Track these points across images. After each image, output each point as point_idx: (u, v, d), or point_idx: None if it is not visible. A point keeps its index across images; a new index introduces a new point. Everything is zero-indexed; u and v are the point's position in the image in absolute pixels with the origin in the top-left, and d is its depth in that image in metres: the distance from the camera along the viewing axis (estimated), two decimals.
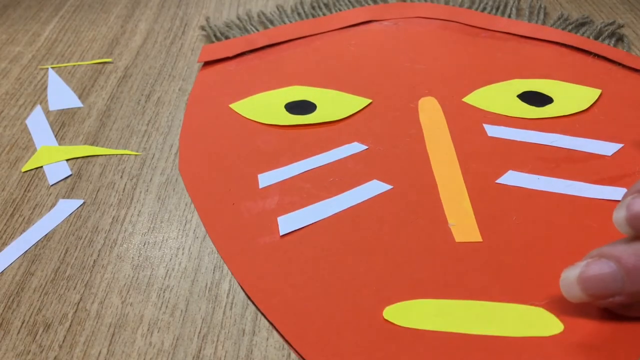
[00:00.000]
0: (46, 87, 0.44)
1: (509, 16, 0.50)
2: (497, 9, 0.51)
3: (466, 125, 0.38)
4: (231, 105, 0.40)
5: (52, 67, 0.46)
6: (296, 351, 0.26)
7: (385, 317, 0.27)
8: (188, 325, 0.28)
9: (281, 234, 0.32)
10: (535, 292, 0.28)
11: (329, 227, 0.32)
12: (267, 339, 0.27)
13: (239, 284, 0.30)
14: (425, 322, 0.27)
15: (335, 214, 0.33)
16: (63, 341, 0.28)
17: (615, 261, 0.24)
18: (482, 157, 0.35)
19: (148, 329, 0.28)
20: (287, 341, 0.27)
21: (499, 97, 0.40)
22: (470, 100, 0.40)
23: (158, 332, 0.28)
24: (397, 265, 0.30)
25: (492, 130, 0.37)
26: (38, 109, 0.42)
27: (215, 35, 0.49)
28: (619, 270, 0.24)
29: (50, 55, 0.48)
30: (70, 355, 0.27)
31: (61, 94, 0.43)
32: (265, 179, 0.35)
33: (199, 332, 0.28)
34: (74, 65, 0.46)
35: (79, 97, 0.43)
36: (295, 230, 0.32)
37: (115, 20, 0.52)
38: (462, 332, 0.26)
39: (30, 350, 0.27)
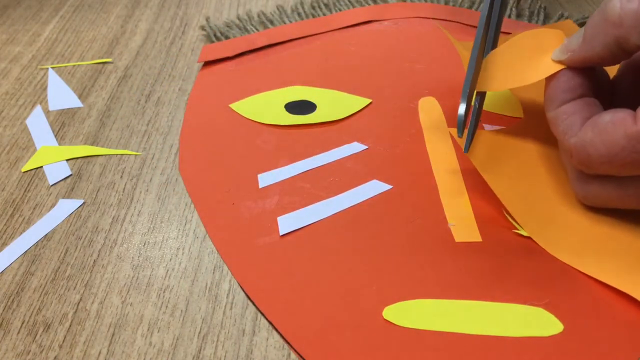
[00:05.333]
0: (46, 87, 0.44)
1: (509, 17, 0.50)
2: None
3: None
4: (231, 105, 0.40)
5: (52, 67, 0.46)
6: (296, 351, 0.26)
7: (385, 317, 0.27)
8: (188, 325, 0.28)
9: (281, 233, 0.32)
10: (534, 292, 0.28)
11: (328, 227, 0.32)
12: (267, 339, 0.27)
13: (238, 284, 0.30)
14: (424, 322, 0.27)
15: (335, 213, 0.33)
16: (63, 341, 0.28)
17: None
18: None
19: (148, 329, 0.28)
20: (287, 341, 0.27)
21: (498, 97, 0.40)
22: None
23: (158, 332, 0.28)
24: (396, 265, 0.30)
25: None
26: (38, 109, 0.42)
27: (215, 35, 0.49)
28: (582, 30, 0.29)
29: (50, 55, 0.48)
30: (70, 355, 0.27)
31: (61, 94, 0.43)
32: (265, 178, 0.35)
33: (199, 332, 0.28)
34: (74, 65, 0.46)
35: (79, 97, 0.43)
36: (295, 230, 0.32)
37: (115, 20, 0.52)
38: (461, 332, 0.27)
39: (30, 350, 0.27)
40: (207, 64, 0.45)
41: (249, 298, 0.29)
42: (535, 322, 0.27)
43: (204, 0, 0.55)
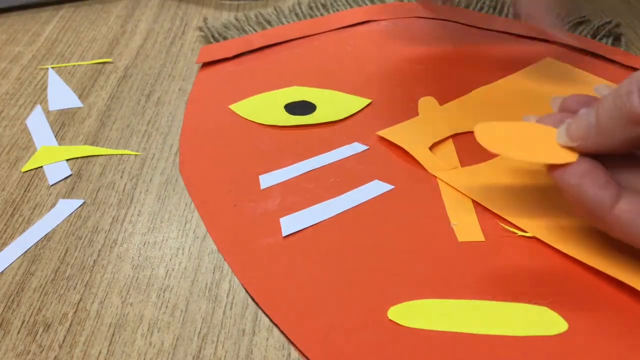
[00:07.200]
0: (46, 87, 0.44)
1: (506, 15, 0.50)
2: (495, 9, 0.51)
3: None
4: (231, 106, 0.40)
5: (52, 67, 0.46)
6: (301, 352, 0.26)
7: (390, 317, 0.27)
8: (188, 325, 0.28)
9: (284, 235, 0.32)
10: (539, 291, 0.28)
11: (331, 227, 0.32)
12: (267, 339, 0.27)
13: (242, 286, 0.30)
14: (429, 322, 0.27)
15: (338, 214, 0.33)
16: (63, 341, 0.28)
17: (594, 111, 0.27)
18: (483, 156, 0.35)
19: (148, 329, 0.28)
20: (292, 342, 0.27)
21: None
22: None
23: (158, 332, 0.28)
24: (400, 265, 0.30)
25: None
26: (38, 109, 0.42)
27: (213, 36, 0.49)
28: (593, 116, 0.27)
29: (50, 55, 0.48)
30: (70, 355, 0.27)
31: (61, 94, 0.43)
32: (267, 179, 0.35)
33: (199, 332, 0.28)
34: (74, 65, 0.46)
35: (79, 97, 0.43)
36: (297, 231, 0.32)
37: (115, 20, 0.52)
38: (466, 332, 0.27)
39: (30, 350, 0.27)
40: (206, 64, 0.45)
41: (253, 300, 0.29)
42: (540, 321, 0.27)
43: (204, 0, 0.55)
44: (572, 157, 0.27)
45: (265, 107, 0.40)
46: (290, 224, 0.32)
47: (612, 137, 0.26)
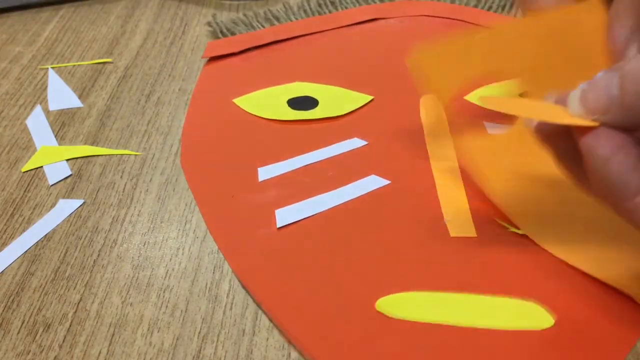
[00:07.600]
0: (46, 87, 0.44)
1: (515, 15, 0.50)
2: (503, 8, 0.51)
3: (467, 122, 0.38)
4: (234, 100, 0.41)
5: (52, 67, 0.46)
6: (289, 341, 0.27)
7: (378, 309, 0.27)
8: (188, 325, 0.28)
9: (278, 226, 0.32)
10: (527, 286, 0.28)
11: (326, 220, 0.32)
12: (267, 339, 0.27)
13: (235, 274, 0.30)
14: (417, 314, 0.27)
15: (333, 207, 0.33)
16: (63, 341, 0.27)
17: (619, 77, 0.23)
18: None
19: (148, 329, 0.28)
20: (280, 330, 0.27)
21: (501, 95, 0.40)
22: (471, 98, 0.40)
23: (158, 332, 0.28)
24: (391, 257, 0.30)
25: (493, 128, 0.37)
26: (38, 109, 0.42)
27: (221, 31, 0.49)
28: (616, 86, 0.22)
29: (50, 55, 0.48)
30: (70, 355, 0.27)
31: (61, 94, 0.43)
32: (265, 172, 0.35)
33: (199, 332, 0.28)
34: (74, 65, 0.46)
35: (79, 97, 0.43)
36: (292, 223, 0.32)
37: (115, 20, 0.52)
38: (454, 325, 0.27)
39: (30, 350, 0.27)
40: (213, 59, 0.46)
41: (245, 289, 0.29)
42: (527, 315, 0.27)
43: (204, 0, 0.55)
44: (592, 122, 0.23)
45: (268, 102, 0.40)
46: (285, 215, 0.32)
47: (639, 115, 0.22)
